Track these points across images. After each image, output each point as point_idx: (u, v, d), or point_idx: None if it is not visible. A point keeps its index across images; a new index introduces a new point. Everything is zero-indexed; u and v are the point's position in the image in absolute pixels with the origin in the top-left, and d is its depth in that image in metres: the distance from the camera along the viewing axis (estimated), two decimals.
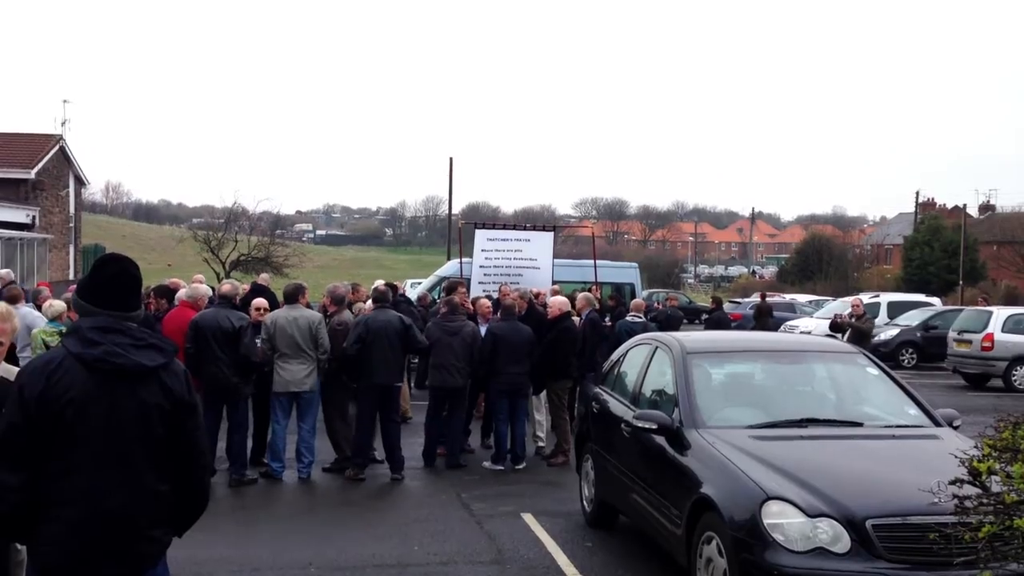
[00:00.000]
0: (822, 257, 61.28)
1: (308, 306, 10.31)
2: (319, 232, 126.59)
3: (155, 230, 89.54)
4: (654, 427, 6.37)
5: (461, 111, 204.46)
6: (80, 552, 3.36)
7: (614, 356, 8.61)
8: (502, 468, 10.29)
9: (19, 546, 3.84)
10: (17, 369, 4.39)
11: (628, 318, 12.81)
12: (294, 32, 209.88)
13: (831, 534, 5.01)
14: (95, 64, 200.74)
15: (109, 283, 3.57)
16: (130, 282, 3.63)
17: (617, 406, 7.62)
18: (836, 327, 16.48)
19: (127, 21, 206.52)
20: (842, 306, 24.80)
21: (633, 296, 20.48)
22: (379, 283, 11.59)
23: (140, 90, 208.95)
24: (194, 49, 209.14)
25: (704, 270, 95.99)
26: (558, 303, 11.29)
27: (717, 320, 19.19)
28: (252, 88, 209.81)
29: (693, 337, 7.92)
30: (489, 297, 12.91)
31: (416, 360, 13.76)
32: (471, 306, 11.86)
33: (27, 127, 38.41)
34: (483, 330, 10.89)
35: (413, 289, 22.42)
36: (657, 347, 7.49)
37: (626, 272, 23.65)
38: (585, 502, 8.25)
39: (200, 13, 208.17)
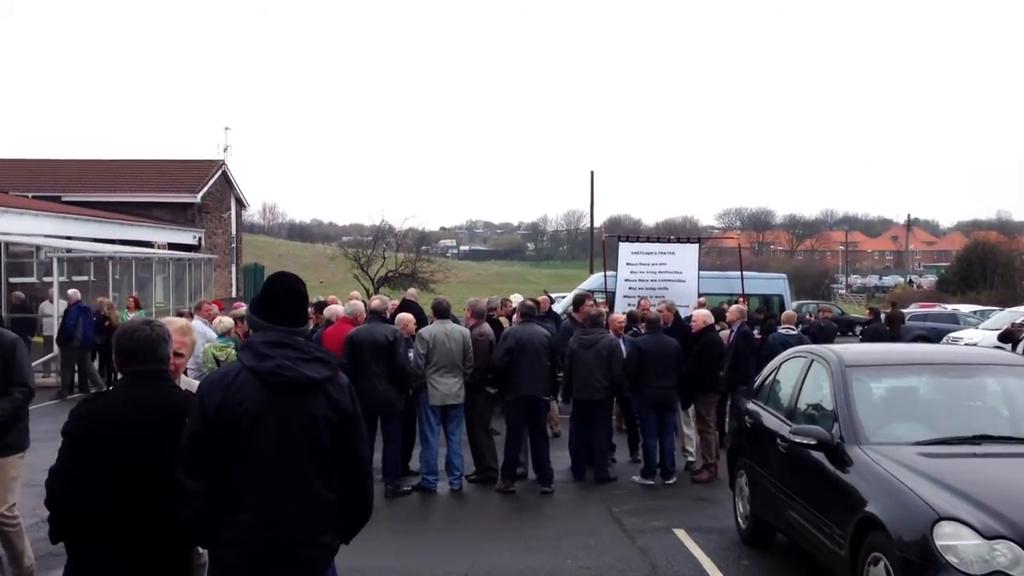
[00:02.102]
0: (986, 265, 57.74)
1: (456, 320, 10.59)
2: (462, 247, 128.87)
3: (308, 248, 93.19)
4: (813, 443, 6.17)
5: (602, 124, 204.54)
6: (255, 555, 3.52)
7: (767, 369, 8.40)
8: (652, 483, 10.18)
9: (200, 549, 4.05)
10: (196, 382, 4.67)
11: (780, 330, 12.47)
12: (437, 54, 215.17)
13: (1011, 557, 4.72)
14: (252, 92, 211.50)
15: (279, 300, 3.75)
16: (297, 299, 3.80)
17: (771, 420, 7.43)
18: (1008, 337, 15.50)
19: (280, 51, 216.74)
20: (1012, 316, 23.37)
21: (782, 308, 19.94)
22: (545, 296, 11.68)
23: (293, 115, 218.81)
24: (343, 74, 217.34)
25: (856, 280, 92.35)
26: (701, 316, 11.15)
27: (874, 332, 18.41)
28: (397, 109, 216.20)
29: (851, 349, 7.65)
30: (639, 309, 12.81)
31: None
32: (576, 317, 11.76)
33: (192, 153, 40.87)
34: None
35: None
36: (813, 360, 7.26)
37: (774, 283, 23.05)
38: (740, 518, 8.06)
39: (347, 40, 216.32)
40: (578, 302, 11.68)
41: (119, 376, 3.96)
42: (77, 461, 3.72)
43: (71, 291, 18.58)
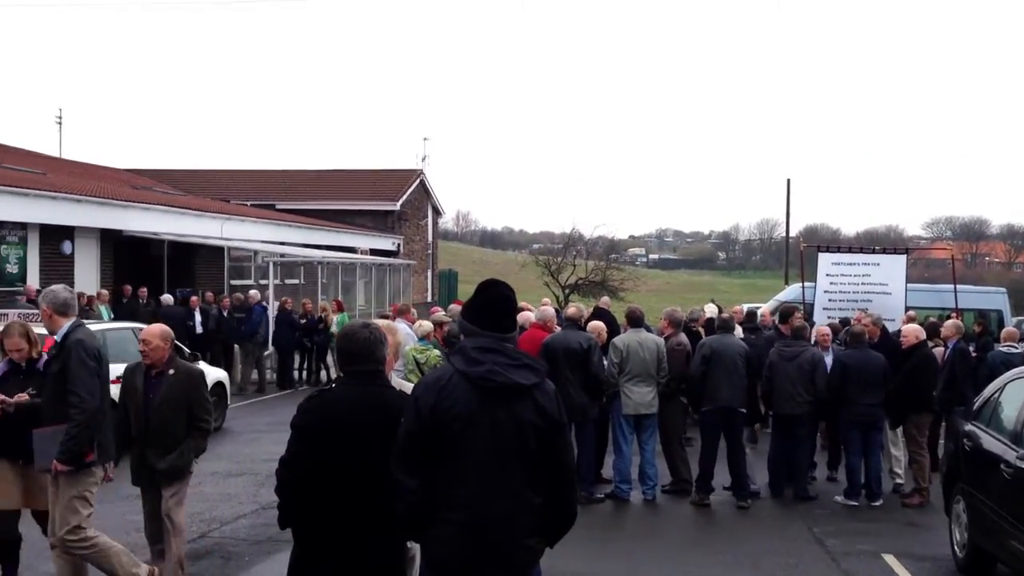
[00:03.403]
0: None
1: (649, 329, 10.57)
2: (651, 256, 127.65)
3: (499, 256, 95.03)
4: None
5: (798, 129, 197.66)
6: (466, 554, 3.61)
7: (989, 390, 7.85)
8: (856, 504, 9.72)
9: (410, 543, 4.20)
10: (405, 383, 4.87)
11: (1001, 348, 11.61)
12: (631, 61, 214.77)
13: None
14: (450, 102, 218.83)
15: (489, 306, 3.84)
16: (507, 305, 3.89)
17: (994, 444, 6.94)
18: None
19: (476, 62, 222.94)
20: None
21: (1000, 324, 18.57)
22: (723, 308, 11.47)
23: (488, 124, 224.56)
24: (537, 83, 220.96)
25: None
26: (913, 331, 10.54)
27: None
28: (589, 117, 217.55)
29: None
30: (844, 323, 12.32)
31: None
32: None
33: (393, 163, 42.65)
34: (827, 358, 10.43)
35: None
36: None
37: (992, 298, 21.48)
38: (956, 546, 7.57)
39: (540, 49, 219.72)
40: (786, 314, 11.36)
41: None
42: (302, 452, 3.96)
43: (252, 292, 19.84)
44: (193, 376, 6.50)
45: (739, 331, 11.87)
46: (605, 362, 9.83)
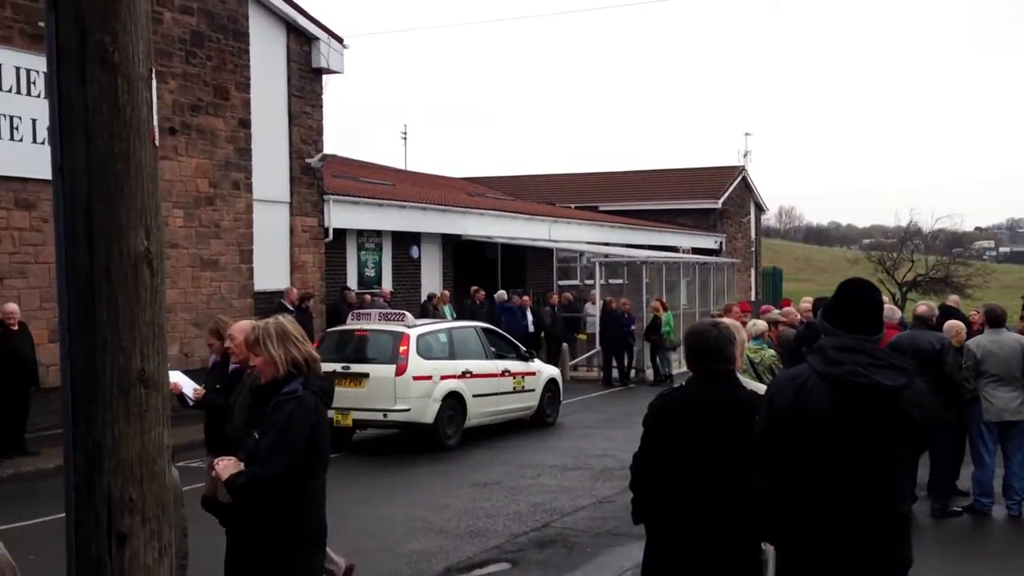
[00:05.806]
0: None
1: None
2: (1002, 249, 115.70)
3: (825, 252, 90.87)
4: None
5: None
6: (825, 561, 3.48)
7: None
8: None
9: (764, 545, 4.10)
10: (756, 383, 4.79)
11: None
12: (961, 37, 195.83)
13: None
14: (772, 95, 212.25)
15: (850, 306, 3.68)
16: (870, 305, 3.70)
17: None
18: None
19: (798, 56, 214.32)
20: None
21: None
22: None
23: (812, 115, 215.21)
24: (860, 74, 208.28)
25: None
26: None
27: None
28: (923, 101, 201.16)
29: None
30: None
31: None
32: None
33: (713, 161, 42.18)
34: None
35: None
36: None
37: None
38: None
39: (862, 40, 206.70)
40: None
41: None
42: (652, 449, 4.02)
43: (497, 293, 20.38)
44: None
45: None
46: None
